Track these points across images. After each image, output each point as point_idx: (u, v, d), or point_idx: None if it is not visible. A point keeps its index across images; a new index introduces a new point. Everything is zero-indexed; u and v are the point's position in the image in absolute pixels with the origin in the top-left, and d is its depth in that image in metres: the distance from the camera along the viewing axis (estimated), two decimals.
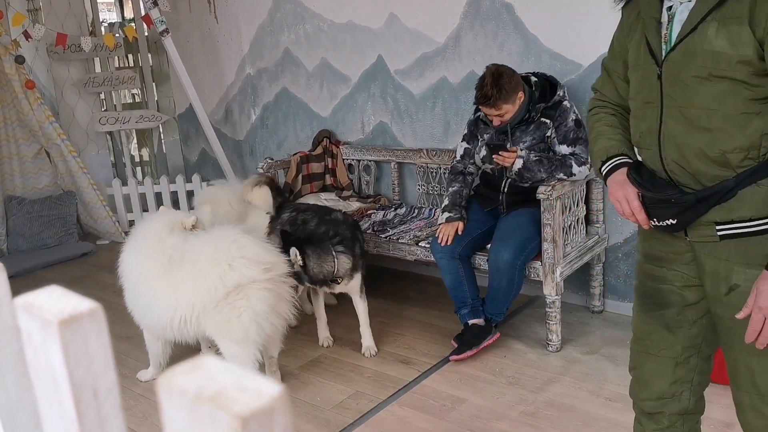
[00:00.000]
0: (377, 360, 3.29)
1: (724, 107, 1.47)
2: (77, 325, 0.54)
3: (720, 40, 1.44)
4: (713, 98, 1.48)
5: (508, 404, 2.84)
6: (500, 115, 3.16)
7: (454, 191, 3.41)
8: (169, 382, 0.42)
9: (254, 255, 2.73)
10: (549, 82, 3.28)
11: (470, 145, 3.45)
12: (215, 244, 2.75)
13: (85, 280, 4.82)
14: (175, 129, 6.13)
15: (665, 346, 1.75)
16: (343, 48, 4.51)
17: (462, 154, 3.47)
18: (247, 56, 5.15)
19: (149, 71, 6.08)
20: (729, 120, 1.48)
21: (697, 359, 1.76)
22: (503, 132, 3.28)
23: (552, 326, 3.24)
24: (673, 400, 1.78)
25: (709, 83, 1.47)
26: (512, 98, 3.11)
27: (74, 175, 5.43)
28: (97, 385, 0.55)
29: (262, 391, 0.40)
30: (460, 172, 3.46)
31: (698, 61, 1.47)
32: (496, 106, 3.10)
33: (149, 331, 3.09)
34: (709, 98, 1.49)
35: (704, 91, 1.49)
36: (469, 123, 3.48)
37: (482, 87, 3.08)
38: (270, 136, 5.21)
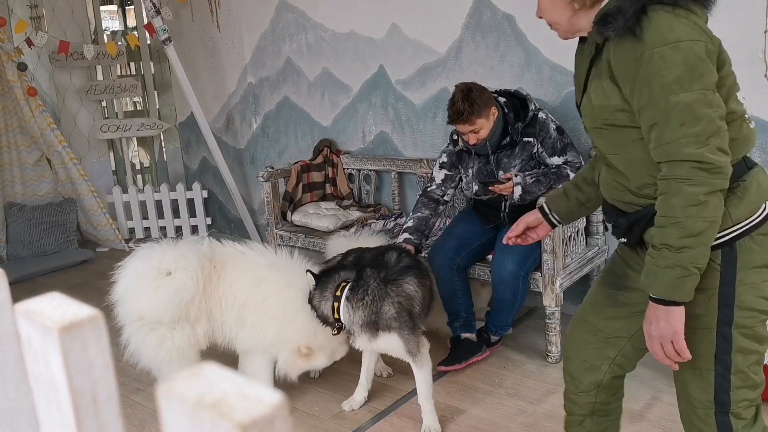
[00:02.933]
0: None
1: (624, 150, 1.65)
2: (77, 331, 0.54)
3: (597, 94, 1.63)
4: (612, 144, 1.67)
5: (507, 415, 2.83)
6: (475, 131, 3.07)
7: (422, 217, 3.32)
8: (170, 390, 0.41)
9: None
10: (517, 99, 3.24)
11: (451, 172, 3.37)
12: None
13: (85, 287, 4.81)
14: (176, 137, 6.14)
15: (604, 322, 1.89)
16: (345, 58, 4.52)
17: (443, 179, 3.38)
18: (249, 65, 5.16)
19: (151, 79, 6.10)
20: (632, 161, 1.64)
21: (628, 345, 1.88)
22: (489, 162, 3.23)
23: (552, 337, 3.24)
24: (593, 371, 1.93)
25: (606, 131, 1.66)
26: (485, 112, 3.04)
27: (75, 182, 5.44)
28: (97, 391, 0.55)
29: (262, 399, 0.40)
30: (435, 200, 3.37)
31: (591, 115, 1.67)
32: (469, 121, 3.02)
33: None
34: (609, 144, 1.67)
35: (605, 138, 1.68)
36: (450, 153, 3.38)
37: (453, 104, 3.03)
38: (271, 145, 5.22)
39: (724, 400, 1.65)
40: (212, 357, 2.86)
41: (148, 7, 4.93)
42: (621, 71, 1.55)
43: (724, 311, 1.60)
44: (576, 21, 1.69)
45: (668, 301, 1.55)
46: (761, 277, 1.60)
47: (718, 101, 1.52)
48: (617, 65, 1.56)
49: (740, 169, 1.59)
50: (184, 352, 2.76)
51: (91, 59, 5.42)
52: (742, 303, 1.59)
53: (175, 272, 2.67)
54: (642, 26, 1.49)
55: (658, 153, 1.54)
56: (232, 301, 2.78)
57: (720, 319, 1.61)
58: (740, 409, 1.66)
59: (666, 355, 1.60)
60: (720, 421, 1.67)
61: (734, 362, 1.62)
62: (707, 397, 1.66)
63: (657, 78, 1.49)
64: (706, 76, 1.50)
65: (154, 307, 2.66)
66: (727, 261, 1.58)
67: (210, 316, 2.79)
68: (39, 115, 5.24)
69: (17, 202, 5.44)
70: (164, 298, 2.65)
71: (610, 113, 1.61)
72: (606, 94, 1.61)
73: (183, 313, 2.70)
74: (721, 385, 1.64)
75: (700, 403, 1.69)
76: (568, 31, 1.74)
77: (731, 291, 1.59)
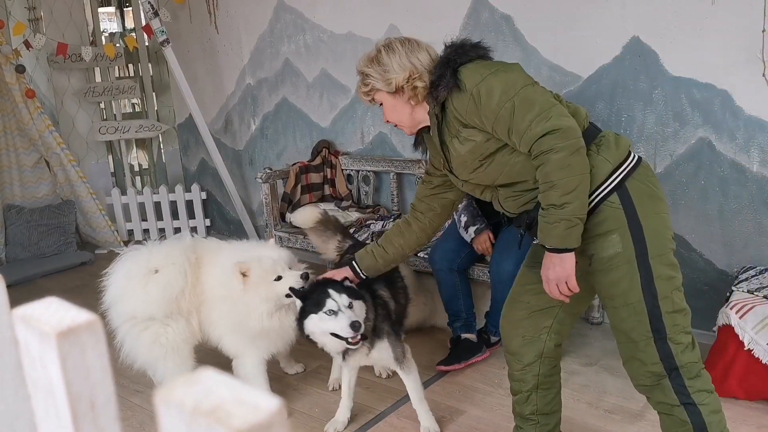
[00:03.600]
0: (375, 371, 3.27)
1: (507, 164, 1.98)
2: (75, 336, 0.54)
3: (462, 143, 2.00)
4: (497, 169, 2.00)
5: (507, 416, 2.83)
6: None
7: (464, 205, 3.38)
8: (167, 396, 0.41)
9: None
10: None
11: None
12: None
13: (84, 289, 4.80)
14: (175, 138, 6.13)
15: (534, 297, 2.12)
16: (343, 59, 4.52)
17: None
18: (247, 66, 5.16)
19: (149, 81, 6.10)
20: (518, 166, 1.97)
21: (560, 311, 2.12)
22: None
23: None
24: (534, 342, 2.15)
25: (486, 164, 2.00)
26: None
27: (73, 184, 5.43)
28: (95, 396, 0.55)
29: (260, 405, 0.40)
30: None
31: (466, 162, 2.03)
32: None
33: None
34: (495, 170, 2.01)
35: (490, 170, 2.02)
36: None
37: None
38: (269, 146, 5.22)
39: (659, 326, 1.86)
40: (210, 358, 2.86)
41: (146, 8, 4.93)
42: (467, 114, 1.94)
43: (638, 245, 1.85)
44: (416, 115, 2.10)
45: (560, 249, 1.87)
46: (656, 205, 1.89)
47: (540, 89, 1.92)
48: (462, 112, 1.94)
49: (592, 131, 1.96)
50: (179, 347, 2.78)
51: (90, 61, 5.41)
52: (650, 230, 1.85)
53: (162, 269, 2.71)
54: (460, 79, 1.93)
55: (524, 144, 1.87)
56: (210, 294, 2.80)
57: (637, 253, 1.85)
58: (675, 333, 1.86)
59: (561, 293, 1.92)
60: (660, 348, 1.87)
61: (659, 289, 1.85)
62: (644, 327, 1.87)
63: (488, 103, 1.88)
64: (519, 79, 1.90)
65: (145, 304, 2.70)
66: (624, 199, 1.86)
67: (198, 309, 2.82)
68: (37, 117, 5.23)
69: (16, 204, 5.44)
70: (155, 295, 2.69)
71: (482, 146, 1.97)
72: (468, 138, 1.98)
73: (175, 307, 2.74)
74: (653, 312, 1.85)
75: (639, 335, 1.88)
76: (412, 126, 2.15)
77: (637, 222, 1.85)
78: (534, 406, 2.24)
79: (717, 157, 3.14)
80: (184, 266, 2.73)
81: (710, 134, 3.16)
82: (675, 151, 3.27)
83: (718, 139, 3.15)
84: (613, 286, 1.90)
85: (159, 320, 2.74)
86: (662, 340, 1.87)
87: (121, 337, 2.80)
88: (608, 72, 3.39)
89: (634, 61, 3.30)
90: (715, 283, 3.27)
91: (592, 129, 1.97)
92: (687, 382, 1.88)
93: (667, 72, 3.22)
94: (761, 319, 2.66)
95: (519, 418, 2.32)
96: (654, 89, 3.28)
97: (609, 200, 1.86)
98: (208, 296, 2.81)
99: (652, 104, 3.30)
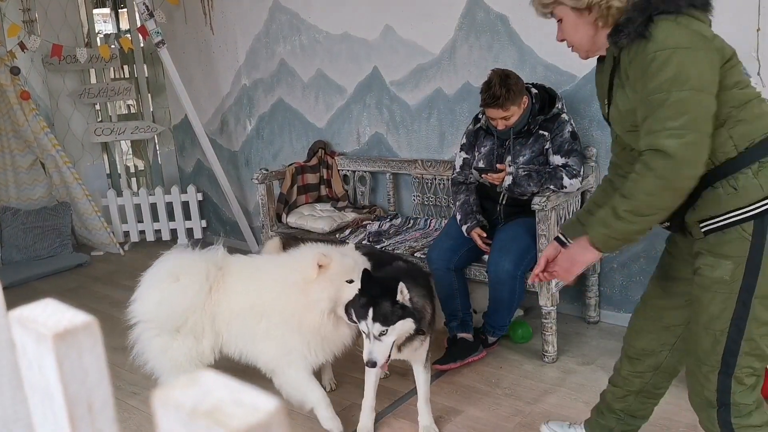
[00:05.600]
0: None
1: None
2: (72, 338, 0.54)
3: (622, 101, 1.81)
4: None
5: (505, 416, 2.83)
6: (506, 118, 3.15)
7: (461, 202, 3.40)
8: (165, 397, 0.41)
9: None
10: (548, 94, 3.28)
11: (469, 155, 3.45)
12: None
13: (80, 291, 4.80)
14: (171, 140, 6.12)
15: (659, 312, 2.07)
16: (339, 59, 4.52)
17: (462, 165, 3.46)
18: (243, 67, 5.16)
19: (145, 82, 6.08)
20: None
21: (686, 331, 2.03)
22: (502, 145, 3.29)
23: (548, 337, 3.24)
24: (652, 355, 2.11)
25: (635, 133, 1.80)
26: (519, 100, 3.12)
27: (69, 185, 5.42)
28: (92, 399, 0.55)
29: (258, 406, 0.40)
30: (462, 182, 3.46)
31: (620, 120, 1.86)
32: (504, 106, 3.09)
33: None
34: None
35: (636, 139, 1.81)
36: (468, 133, 3.46)
37: (490, 88, 3.09)
38: (265, 147, 5.21)
39: (730, 362, 1.78)
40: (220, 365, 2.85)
41: (141, 9, 4.92)
42: (634, 72, 1.73)
43: (748, 279, 1.72)
44: (597, 40, 1.85)
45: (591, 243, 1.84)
46: None
47: (707, 102, 1.66)
48: (632, 69, 1.73)
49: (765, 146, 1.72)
50: (182, 365, 2.66)
51: (85, 62, 5.40)
52: (766, 274, 1.71)
53: (182, 278, 2.63)
54: (650, 31, 1.68)
55: (644, 142, 1.70)
56: (244, 310, 2.65)
57: (743, 287, 1.73)
58: (743, 374, 1.78)
59: (553, 271, 1.99)
60: (721, 381, 1.80)
61: (748, 329, 1.74)
62: (715, 357, 1.79)
63: (653, 78, 1.67)
64: (694, 78, 1.65)
65: (158, 311, 2.64)
66: (758, 232, 1.71)
67: (214, 327, 2.67)
68: (32, 118, 5.22)
69: (11, 207, 5.43)
70: (165, 304, 2.61)
71: (635, 116, 1.76)
72: (629, 99, 1.78)
73: (182, 323, 2.63)
74: (731, 348, 1.77)
75: (707, 361, 1.82)
76: (590, 50, 1.91)
77: (758, 261, 1.71)
78: (627, 405, 2.22)
79: None
80: (200, 281, 2.62)
81: None
82: None
83: None
84: (705, 307, 1.81)
85: (169, 332, 2.65)
86: (727, 375, 1.80)
87: (134, 336, 2.74)
88: None
89: None
90: None
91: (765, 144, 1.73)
92: (734, 420, 1.83)
93: None
94: None
95: (606, 407, 2.28)
96: None
97: (742, 226, 1.72)
98: (241, 310, 2.65)
99: None
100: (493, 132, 3.30)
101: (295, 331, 2.60)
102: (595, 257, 1.87)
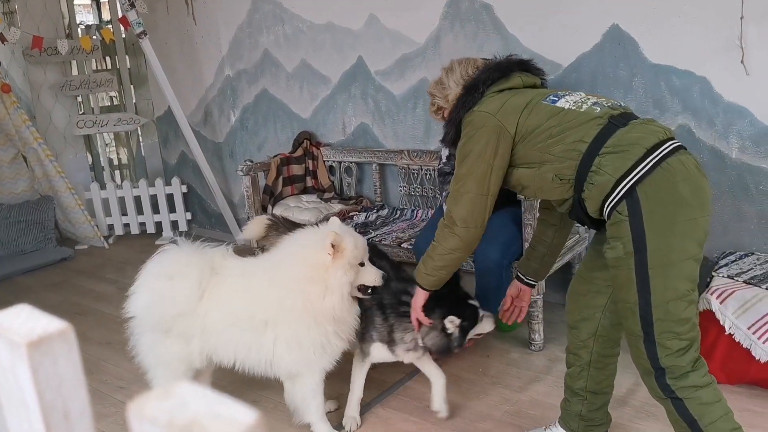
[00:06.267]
0: None
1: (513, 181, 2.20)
2: (46, 346, 0.53)
3: None
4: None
5: (492, 404, 2.84)
6: None
7: (447, 194, 3.39)
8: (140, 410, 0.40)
9: None
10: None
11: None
12: None
13: (64, 285, 4.76)
14: (154, 132, 6.07)
15: (591, 273, 2.23)
16: (323, 49, 4.49)
17: (448, 155, 3.46)
18: (226, 58, 5.11)
19: (127, 74, 6.02)
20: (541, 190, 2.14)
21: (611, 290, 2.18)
22: None
23: (535, 326, 3.25)
24: (589, 320, 2.26)
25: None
26: None
27: (52, 179, 5.36)
28: (68, 407, 0.54)
29: (236, 418, 0.39)
30: (449, 173, 3.45)
31: None
32: None
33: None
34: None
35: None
36: None
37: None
38: (250, 138, 5.18)
39: (648, 330, 1.91)
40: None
41: (123, 0, 4.85)
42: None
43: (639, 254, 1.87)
44: None
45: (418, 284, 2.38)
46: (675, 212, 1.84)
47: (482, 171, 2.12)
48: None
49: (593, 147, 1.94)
50: (170, 364, 2.54)
51: (66, 54, 5.32)
52: (656, 240, 1.84)
53: (174, 279, 2.46)
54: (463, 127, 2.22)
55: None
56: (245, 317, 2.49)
57: (636, 261, 1.88)
58: (664, 339, 1.89)
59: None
60: (647, 348, 1.93)
61: (653, 298, 1.88)
62: (636, 327, 1.93)
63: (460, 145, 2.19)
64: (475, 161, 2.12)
65: (145, 311, 2.50)
66: (632, 208, 1.86)
67: (204, 334, 2.51)
68: (14, 111, 5.15)
69: None
70: (154, 306, 2.47)
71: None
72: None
73: (171, 326, 2.49)
74: (644, 317, 1.91)
75: (633, 332, 1.96)
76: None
77: (641, 235, 1.86)
78: (584, 382, 2.33)
79: (696, 143, 3.16)
80: (192, 287, 2.45)
81: (689, 121, 3.18)
82: None
83: (697, 126, 3.17)
84: (615, 282, 1.99)
85: (158, 331, 2.53)
86: (650, 342, 1.92)
87: (130, 329, 2.62)
88: (588, 60, 3.39)
89: (613, 49, 3.31)
90: None
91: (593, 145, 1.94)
92: (670, 381, 1.92)
93: (647, 59, 3.23)
94: (741, 304, 2.69)
95: (569, 391, 2.41)
96: (634, 77, 3.29)
97: (617, 209, 1.89)
98: (236, 320, 2.48)
99: (632, 92, 3.31)
100: None
101: (312, 327, 2.45)
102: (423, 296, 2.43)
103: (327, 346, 2.52)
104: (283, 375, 2.57)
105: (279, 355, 2.48)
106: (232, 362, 2.56)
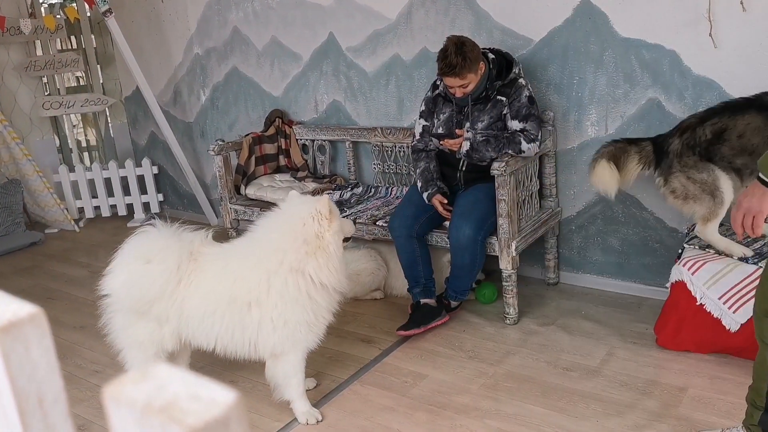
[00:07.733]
0: (338, 339, 3.27)
1: None
2: (17, 331, 0.52)
3: None
4: None
5: (468, 378, 2.87)
6: (464, 86, 3.14)
7: (422, 170, 3.40)
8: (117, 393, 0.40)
9: None
10: (505, 59, 3.28)
11: (428, 122, 3.43)
12: None
13: (35, 270, 4.69)
14: (123, 112, 5.96)
15: None
16: (294, 25, 4.43)
17: (421, 132, 3.45)
18: (195, 35, 5.02)
19: (93, 53, 5.89)
20: None
21: None
22: (461, 112, 3.28)
23: (509, 299, 3.28)
24: None
25: None
26: (475, 67, 3.10)
27: (18, 162, 5.26)
28: (42, 393, 0.53)
29: (216, 400, 0.38)
30: (422, 150, 3.45)
31: None
32: (461, 75, 3.07)
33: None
34: None
35: None
36: (427, 100, 3.44)
37: (446, 57, 3.05)
38: (221, 118, 5.11)
39: None
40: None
41: None
42: None
43: None
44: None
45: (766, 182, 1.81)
46: None
47: None
48: None
49: None
50: (142, 344, 2.54)
51: (29, 34, 5.19)
52: None
53: (152, 262, 2.44)
54: None
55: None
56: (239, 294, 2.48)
57: None
58: None
59: (741, 224, 1.88)
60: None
61: None
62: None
63: None
64: None
65: (121, 293, 2.47)
66: None
67: (180, 318, 2.50)
68: None
69: None
70: (131, 288, 2.44)
71: None
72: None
73: (146, 309, 2.48)
74: None
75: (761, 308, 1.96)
76: None
77: None
78: None
79: (666, 116, 3.19)
80: (170, 271, 2.43)
81: (659, 94, 3.21)
82: (626, 112, 3.31)
83: (667, 100, 3.19)
84: None
85: (131, 312, 2.51)
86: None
87: (103, 307, 2.61)
88: (560, 35, 3.39)
89: (584, 24, 3.31)
90: (667, 240, 3.35)
91: None
92: None
93: (617, 33, 3.24)
94: (712, 275, 2.74)
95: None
96: (605, 51, 3.30)
97: None
98: (217, 306, 2.47)
99: (603, 66, 3.32)
100: (451, 99, 3.29)
101: (305, 305, 2.49)
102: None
103: (314, 324, 2.55)
104: (267, 355, 2.57)
105: (264, 336, 2.49)
106: (212, 347, 2.56)
